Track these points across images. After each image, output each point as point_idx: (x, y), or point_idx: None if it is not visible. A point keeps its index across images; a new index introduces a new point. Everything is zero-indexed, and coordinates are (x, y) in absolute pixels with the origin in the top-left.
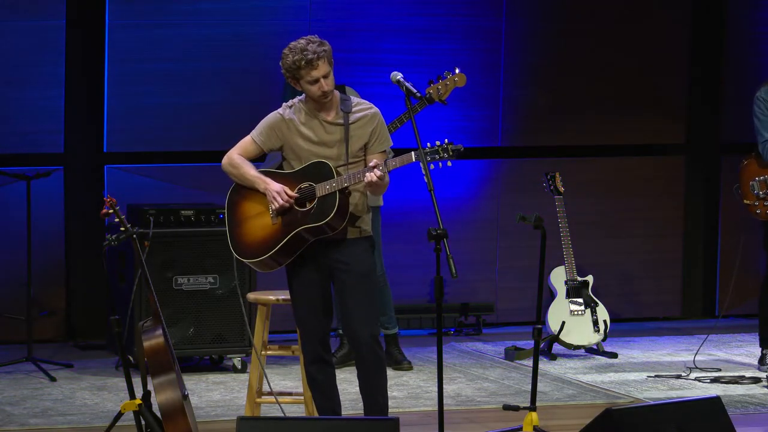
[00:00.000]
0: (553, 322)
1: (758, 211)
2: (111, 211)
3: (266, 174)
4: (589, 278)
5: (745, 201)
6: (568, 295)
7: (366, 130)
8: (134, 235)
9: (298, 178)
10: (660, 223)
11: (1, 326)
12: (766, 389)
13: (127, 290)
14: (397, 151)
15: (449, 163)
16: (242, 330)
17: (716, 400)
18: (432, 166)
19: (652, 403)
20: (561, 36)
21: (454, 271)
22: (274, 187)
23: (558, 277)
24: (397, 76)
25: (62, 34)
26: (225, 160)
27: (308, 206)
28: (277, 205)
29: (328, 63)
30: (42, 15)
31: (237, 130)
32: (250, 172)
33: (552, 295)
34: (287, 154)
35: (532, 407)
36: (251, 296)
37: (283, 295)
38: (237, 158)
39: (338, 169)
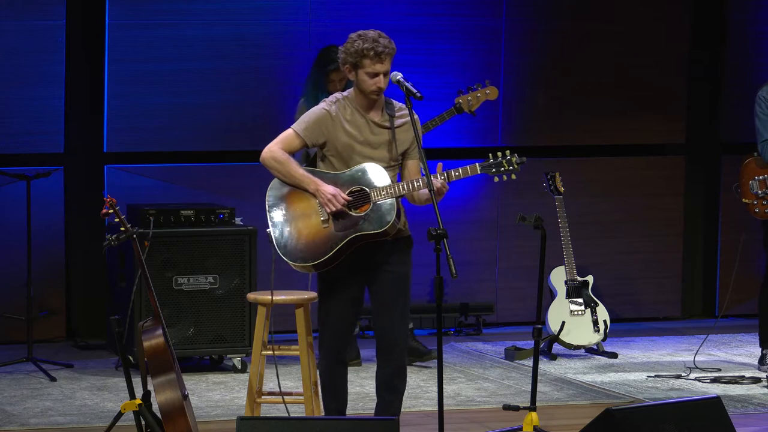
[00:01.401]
0: (553, 322)
1: (757, 210)
2: (111, 211)
3: (313, 174)
4: (589, 278)
5: (744, 200)
6: (568, 295)
7: (409, 135)
8: (134, 235)
9: (347, 180)
10: (660, 223)
11: (1, 326)
12: (766, 389)
13: (127, 290)
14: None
15: (513, 177)
16: (242, 330)
17: (716, 400)
18: (497, 179)
19: (652, 403)
20: (561, 36)
21: (454, 271)
22: (328, 189)
23: (558, 277)
24: (397, 76)
25: (62, 34)
26: (267, 154)
27: (363, 210)
28: (333, 210)
29: (390, 62)
30: (42, 15)
31: (237, 130)
32: (298, 170)
33: (552, 295)
34: (329, 151)
35: (532, 407)
36: (251, 296)
37: (283, 295)
38: (281, 154)
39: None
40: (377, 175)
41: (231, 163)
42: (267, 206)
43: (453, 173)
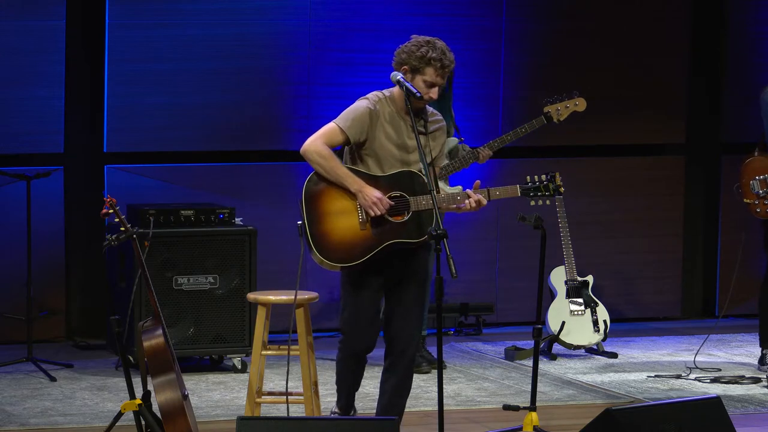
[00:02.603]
0: (553, 322)
1: (758, 210)
2: (111, 211)
3: (354, 173)
4: (589, 278)
5: (745, 200)
6: (568, 295)
7: (439, 142)
8: (134, 235)
9: (387, 184)
10: (660, 223)
11: (1, 326)
12: (766, 389)
13: (127, 290)
14: None
15: (548, 202)
16: (242, 330)
17: (716, 400)
18: (533, 203)
19: (652, 403)
20: (561, 36)
21: (454, 271)
22: (372, 192)
23: (558, 277)
24: (397, 76)
25: (62, 34)
26: (311, 147)
27: (402, 218)
28: (375, 214)
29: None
30: (42, 15)
31: (237, 130)
32: (341, 168)
33: (552, 295)
34: (366, 150)
35: (532, 407)
36: (251, 296)
37: (284, 295)
38: (325, 149)
39: None
40: (417, 182)
41: (231, 163)
42: (303, 199)
43: (493, 192)
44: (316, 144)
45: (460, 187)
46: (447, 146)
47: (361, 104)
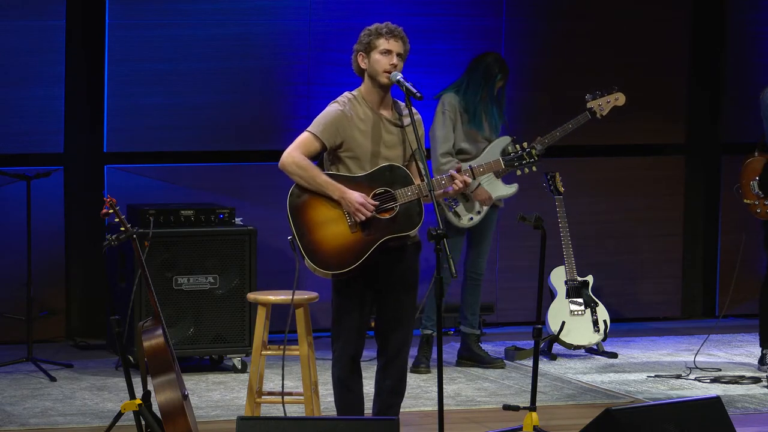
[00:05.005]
0: (553, 322)
1: (758, 211)
2: (111, 211)
3: (334, 178)
4: (589, 278)
5: (745, 200)
6: (568, 295)
7: (417, 134)
8: (134, 235)
9: (369, 182)
10: (660, 223)
11: (1, 326)
12: (766, 389)
13: (127, 290)
14: None
15: (534, 168)
16: (242, 330)
17: (716, 400)
18: (519, 172)
19: (652, 403)
20: (561, 36)
21: (454, 271)
22: (354, 197)
23: (558, 277)
24: (397, 76)
25: (62, 34)
26: (288, 160)
27: (392, 213)
28: (362, 219)
29: (404, 49)
30: (42, 15)
31: (237, 130)
32: (321, 176)
33: (552, 295)
34: (345, 152)
35: (532, 407)
36: (251, 296)
37: (283, 296)
38: (303, 159)
39: None
40: (399, 175)
41: (231, 163)
42: (289, 213)
43: (477, 169)
44: (292, 156)
45: (512, 186)
46: (500, 145)
47: (331, 108)
